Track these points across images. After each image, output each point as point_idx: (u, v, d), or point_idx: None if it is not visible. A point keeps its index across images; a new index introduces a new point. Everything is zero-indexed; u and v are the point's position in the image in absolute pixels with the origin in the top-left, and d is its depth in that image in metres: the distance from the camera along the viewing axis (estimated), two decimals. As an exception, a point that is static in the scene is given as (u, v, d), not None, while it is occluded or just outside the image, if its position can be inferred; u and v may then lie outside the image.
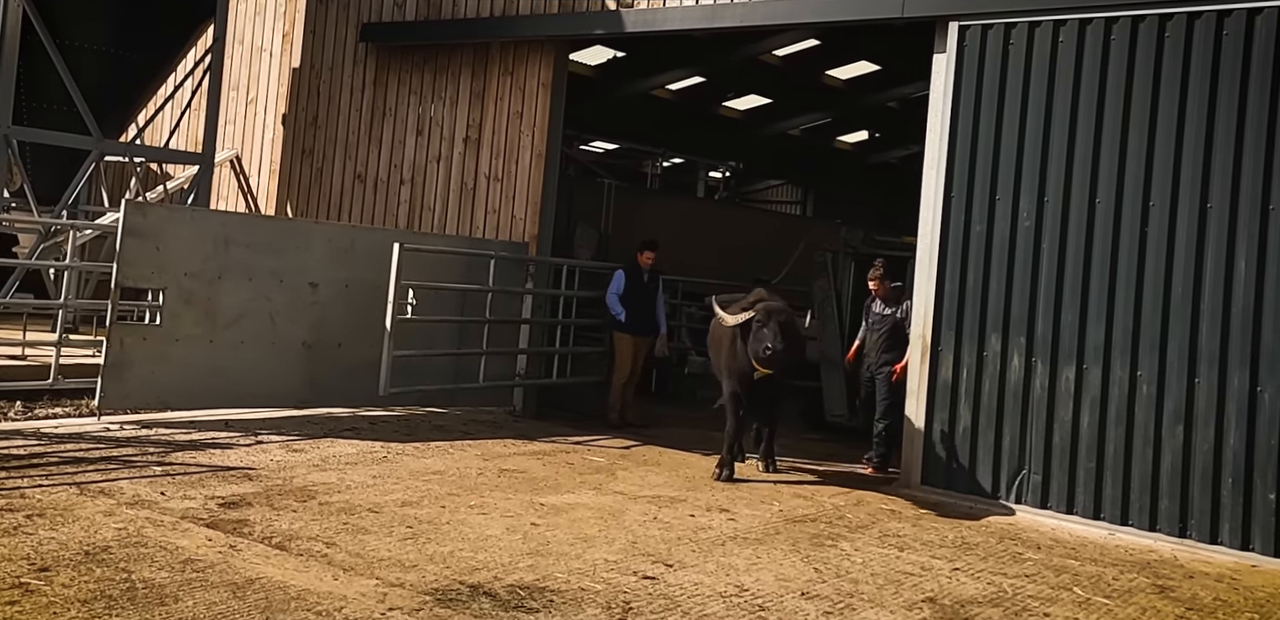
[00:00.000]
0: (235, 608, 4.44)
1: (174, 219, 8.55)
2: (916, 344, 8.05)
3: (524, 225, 10.50)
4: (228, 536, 5.40)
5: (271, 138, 12.53)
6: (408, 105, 11.49)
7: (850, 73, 21.39)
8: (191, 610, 4.37)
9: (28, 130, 9.81)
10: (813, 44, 19.08)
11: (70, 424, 7.85)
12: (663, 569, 5.42)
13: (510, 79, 10.83)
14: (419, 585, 4.90)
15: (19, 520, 5.34)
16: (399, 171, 11.44)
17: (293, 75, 12.43)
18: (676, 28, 9.98)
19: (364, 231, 10.15)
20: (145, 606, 4.36)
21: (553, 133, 10.57)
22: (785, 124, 24.06)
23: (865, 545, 6.15)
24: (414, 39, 11.42)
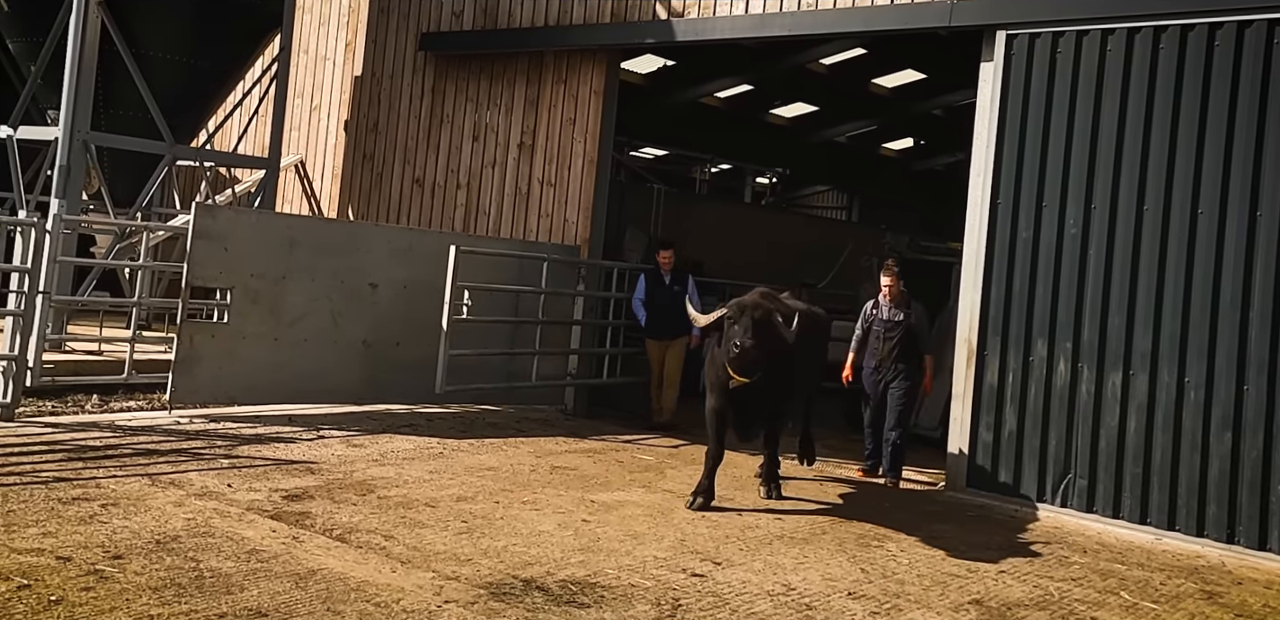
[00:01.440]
0: (298, 598, 4.47)
1: (241, 221, 8.66)
2: (962, 348, 7.92)
3: (576, 229, 10.50)
4: (291, 528, 5.45)
5: (334, 143, 12.66)
6: (464, 112, 11.55)
7: (896, 81, 21.20)
8: (256, 599, 4.41)
9: (105, 136, 9.99)
10: (859, 53, 18.94)
11: (143, 417, 7.98)
12: (711, 567, 5.38)
13: (564, 87, 10.85)
14: (474, 579, 4.91)
15: (94, 509, 5.43)
16: (456, 176, 11.51)
17: (354, 83, 12.56)
18: (726, 37, 9.94)
19: (422, 234, 10.21)
20: (212, 595, 4.41)
21: (604, 139, 10.57)
22: (832, 131, 23.90)
23: (911, 547, 6.06)
24: (471, 48, 11.48)
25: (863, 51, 18.82)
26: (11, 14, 10.42)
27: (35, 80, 10.14)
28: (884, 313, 8.31)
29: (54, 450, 6.65)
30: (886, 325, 8.25)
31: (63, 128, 9.71)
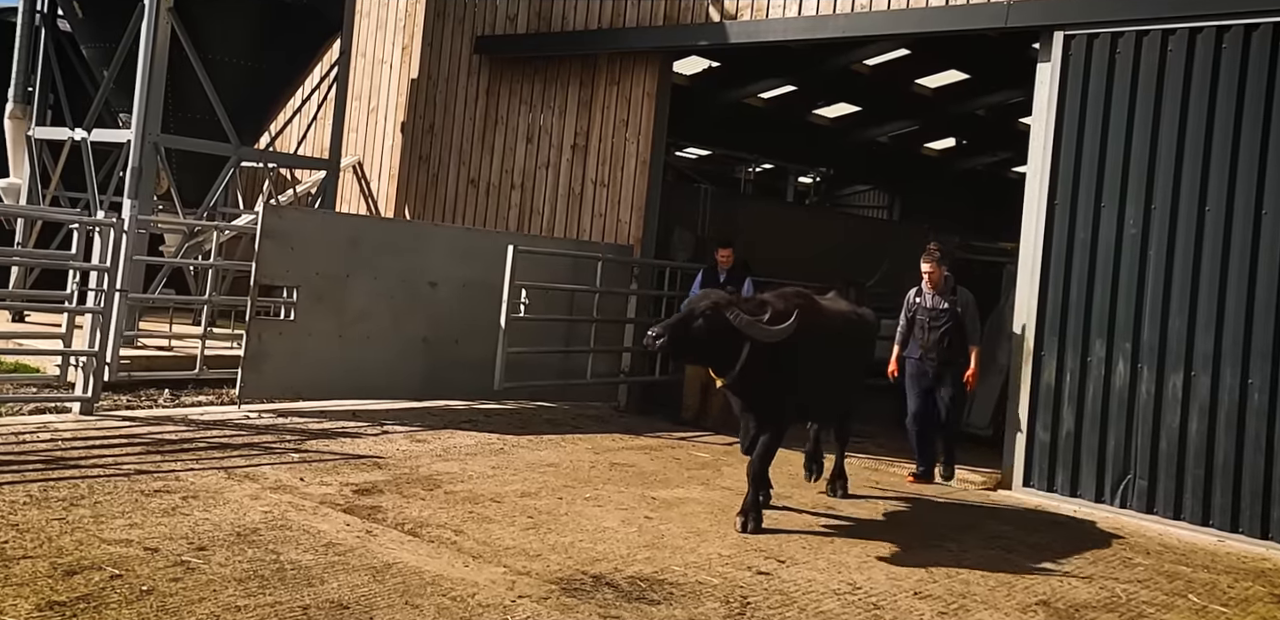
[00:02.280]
0: (376, 591, 4.49)
1: (307, 221, 8.74)
2: (1019, 348, 7.80)
3: (629, 228, 10.49)
4: (364, 522, 5.48)
5: (391, 145, 12.74)
6: (518, 114, 11.57)
7: (939, 81, 20.95)
8: (336, 592, 4.44)
9: (175, 138, 10.12)
10: (903, 54, 18.75)
11: (214, 411, 8.08)
12: (776, 565, 5.34)
13: (616, 89, 10.83)
14: (544, 574, 4.91)
15: (176, 501, 5.50)
16: (510, 177, 11.54)
17: (411, 86, 12.63)
18: (779, 39, 9.87)
19: (480, 234, 10.25)
20: (294, 586, 4.44)
21: (657, 140, 10.54)
22: (874, 131, 23.68)
23: (972, 547, 5.98)
24: (525, 51, 11.50)
25: (906, 52, 18.62)
26: (86, 21, 10.59)
27: (108, 84, 10.30)
28: (927, 301, 7.78)
29: (133, 443, 6.75)
30: (931, 314, 7.74)
31: (135, 130, 9.86)
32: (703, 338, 5.76)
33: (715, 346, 5.80)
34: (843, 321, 6.68)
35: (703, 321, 5.75)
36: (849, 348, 6.74)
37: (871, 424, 10.79)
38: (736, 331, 5.72)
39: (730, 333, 5.73)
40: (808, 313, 6.00)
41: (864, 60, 19.02)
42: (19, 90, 10.93)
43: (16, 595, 4.05)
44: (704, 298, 5.90)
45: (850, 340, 6.75)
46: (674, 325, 5.76)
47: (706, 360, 6.09)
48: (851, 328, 6.79)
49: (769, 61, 18.22)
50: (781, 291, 6.30)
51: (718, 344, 5.78)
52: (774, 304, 6.01)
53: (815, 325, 6.06)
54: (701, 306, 5.81)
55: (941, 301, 7.69)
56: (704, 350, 5.89)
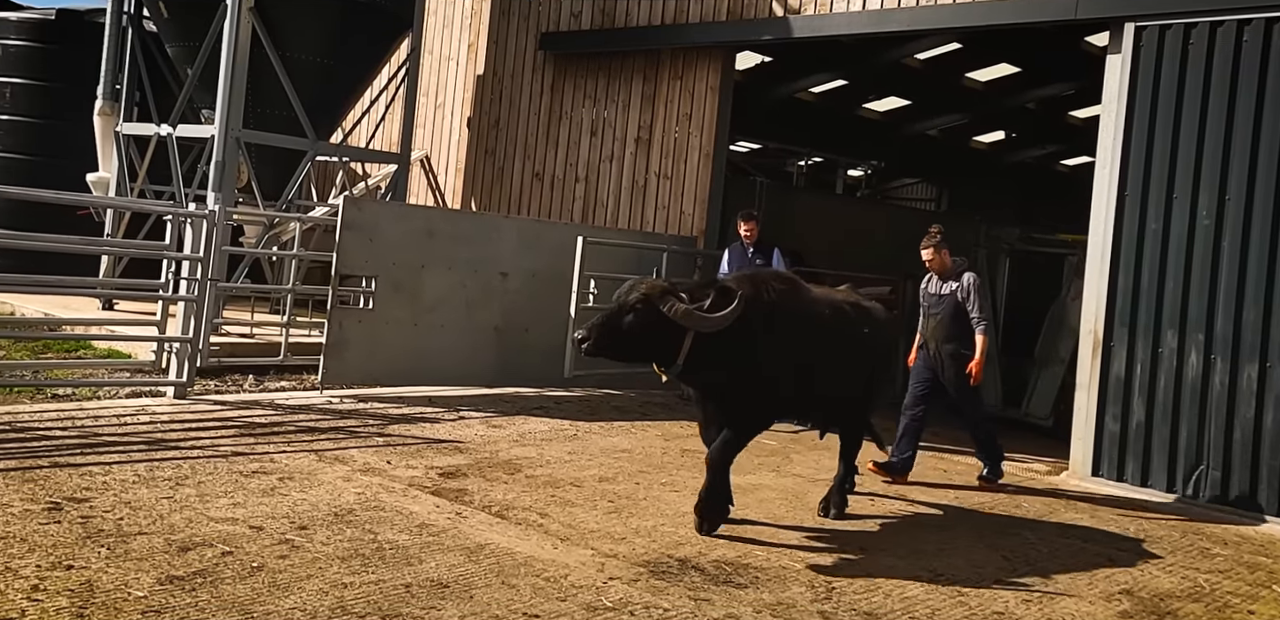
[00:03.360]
0: (472, 571, 4.52)
1: (385, 213, 8.80)
2: (1087, 339, 7.65)
3: (692, 220, 10.45)
4: (452, 504, 5.51)
5: (457, 139, 12.80)
6: (583, 108, 11.56)
7: (990, 75, 20.60)
8: (435, 571, 4.47)
9: (255, 133, 10.25)
10: (955, 47, 18.45)
11: (298, 397, 8.18)
12: (856, 551, 5.29)
13: (680, 83, 10.78)
14: (631, 557, 4.90)
15: (273, 482, 5.58)
16: (574, 170, 11.54)
17: (476, 82, 12.67)
18: (843, 32, 9.76)
19: (549, 226, 10.27)
20: (395, 565, 4.48)
21: (720, 133, 10.48)
22: (923, 125, 23.35)
23: (1048, 535, 5.88)
24: (589, 47, 11.48)
25: (958, 46, 18.32)
26: (170, 21, 10.74)
27: (192, 82, 10.45)
28: (931, 286, 7.14)
29: (226, 426, 6.86)
30: (931, 300, 7.10)
31: (218, 126, 9.99)
32: (636, 334, 5.00)
33: (652, 341, 5.05)
34: (834, 313, 5.66)
35: (633, 316, 4.99)
36: (844, 342, 5.68)
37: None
38: (673, 323, 4.96)
39: (666, 325, 4.97)
40: (780, 300, 5.25)
41: (916, 54, 18.78)
42: (107, 88, 11.13)
43: (138, 569, 4.13)
44: (633, 288, 5.07)
45: (846, 334, 5.70)
46: (601, 324, 5.03)
47: (646, 357, 5.23)
48: (846, 320, 5.74)
49: (821, 56, 18.02)
50: (757, 274, 5.56)
51: (654, 338, 5.03)
52: (738, 288, 5.14)
53: (788, 314, 5.27)
54: (631, 300, 5.01)
55: (943, 286, 7.06)
56: (640, 347, 5.11)
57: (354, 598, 4.08)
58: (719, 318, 4.98)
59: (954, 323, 6.90)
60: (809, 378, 5.48)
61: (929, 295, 7.14)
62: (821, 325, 5.54)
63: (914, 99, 21.97)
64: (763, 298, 5.21)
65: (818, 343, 5.47)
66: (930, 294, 7.13)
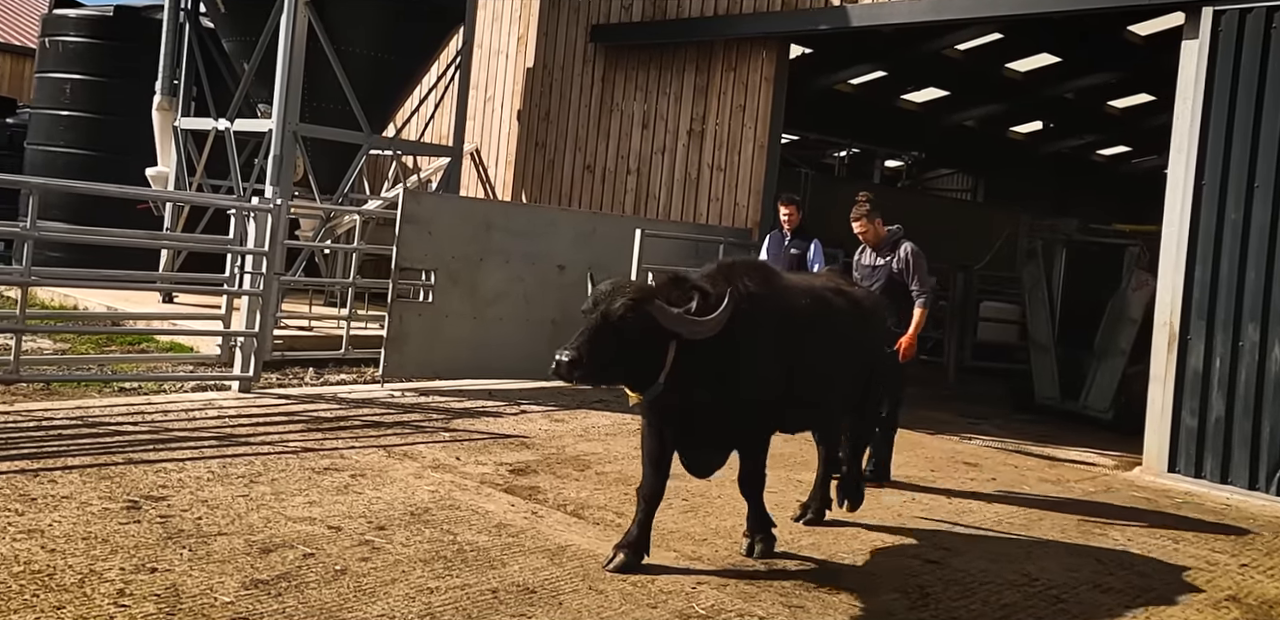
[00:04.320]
0: (557, 574, 4.29)
1: (444, 207, 8.59)
2: (1162, 331, 7.29)
3: (746, 212, 10.15)
4: (526, 503, 5.29)
5: (507, 132, 12.56)
6: (634, 100, 11.28)
7: (1029, 65, 20.06)
8: (519, 575, 4.25)
9: (312, 127, 10.07)
10: (996, 38, 17.96)
11: (360, 390, 8.01)
12: (942, 553, 5.01)
13: (733, 74, 10.46)
14: (715, 560, 4.66)
15: (346, 479, 5.38)
16: (626, 162, 11.27)
17: (526, 74, 12.41)
18: (902, 21, 9.43)
19: (605, 218, 10.02)
20: (478, 569, 4.26)
21: (774, 125, 10.17)
22: (961, 115, 22.82)
23: (1136, 536, 5.57)
24: (640, 39, 11.19)
25: (999, 36, 17.83)
26: (227, 16, 10.57)
27: (249, 77, 10.27)
28: (866, 258, 6.39)
29: (292, 421, 6.68)
30: (864, 272, 6.35)
31: (276, 120, 9.82)
32: (628, 350, 4.00)
33: (642, 357, 4.07)
34: (815, 304, 4.78)
35: (624, 328, 3.96)
36: (832, 337, 4.82)
37: (980, 404, 10.36)
38: (662, 331, 4.02)
39: (655, 333, 4.02)
40: (757, 294, 4.37)
41: (956, 45, 18.31)
42: (166, 83, 10.99)
43: (221, 572, 3.94)
44: (615, 293, 4.04)
45: (833, 327, 4.84)
46: (590, 341, 3.94)
47: (632, 377, 4.15)
48: (829, 310, 4.88)
49: (861, 48, 17.60)
50: (731, 265, 4.60)
51: (644, 353, 4.05)
52: (715, 284, 4.27)
53: (768, 311, 4.41)
54: (618, 308, 3.97)
55: (877, 258, 6.33)
56: (629, 365, 4.07)
57: (441, 604, 3.86)
58: (712, 321, 4.04)
59: (887, 297, 6.03)
60: (799, 382, 4.58)
61: (862, 267, 6.40)
62: (805, 319, 4.62)
63: (953, 90, 21.47)
64: (740, 294, 4.23)
65: (804, 341, 4.59)
66: (864, 266, 6.38)
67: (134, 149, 11.22)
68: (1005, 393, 10.78)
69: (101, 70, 11.92)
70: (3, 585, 3.62)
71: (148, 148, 11.11)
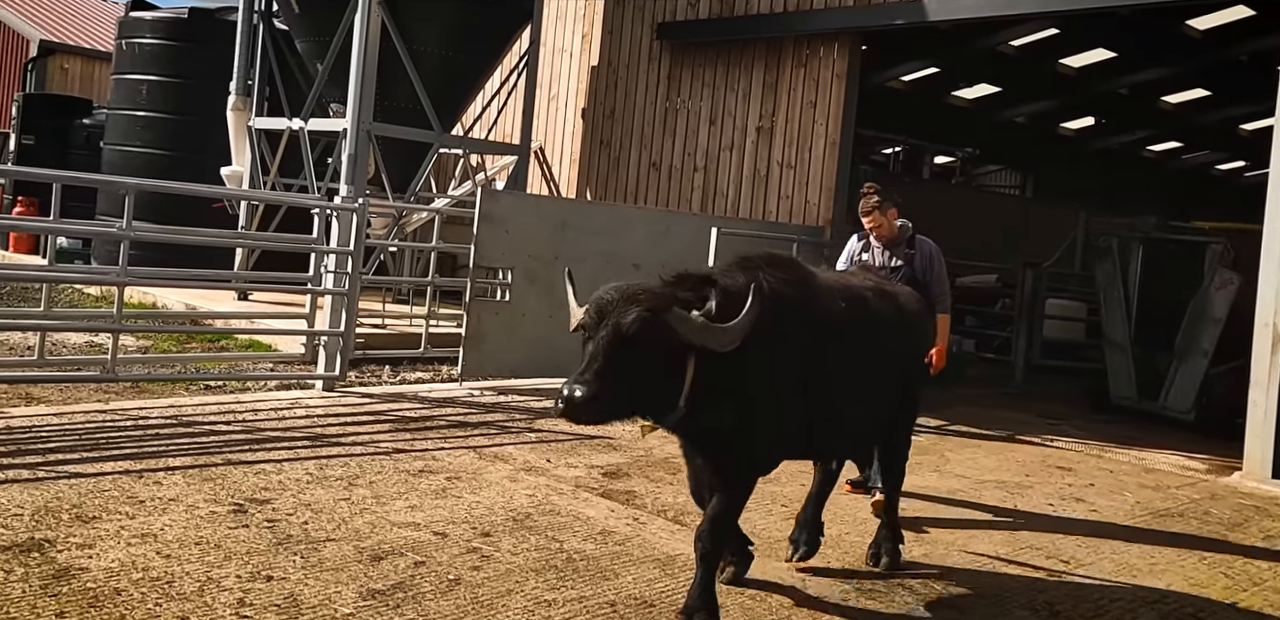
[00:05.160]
0: (672, 586, 4.07)
1: (520, 205, 8.39)
2: (1264, 332, 6.90)
3: (818, 210, 9.85)
4: (626, 508, 5.08)
5: (571, 130, 12.35)
6: (701, 97, 11.00)
7: (1084, 60, 19.50)
8: (634, 586, 4.03)
9: (385, 126, 9.92)
10: (1052, 33, 17.44)
11: (439, 389, 7.84)
12: (1060, 564, 4.72)
13: (804, 71, 10.15)
14: (828, 572, 4.41)
15: (443, 482, 5.20)
16: (693, 159, 11.01)
17: (590, 72, 12.18)
18: (977, 16, 9.09)
19: (678, 216, 9.78)
20: (592, 580, 4.05)
21: (846, 122, 9.85)
22: (1012, 111, 22.28)
23: (1256, 549, 5.23)
24: (708, 35, 10.91)
25: (1055, 31, 17.31)
26: (301, 16, 10.45)
27: (323, 76, 10.15)
28: (876, 258, 5.37)
29: (379, 420, 6.52)
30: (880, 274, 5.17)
31: (350, 119, 9.68)
32: (645, 373, 3.19)
33: (663, 379, 3.26)
34: (854, 305, 3.97)
35: (642, 345, 3.15)
36: (871, 343, 4.02)
37: (1056, 403, 9.99)
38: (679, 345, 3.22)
39: (674, 351, 3.23)
40: (783, 292, 3.56)
41: (1011, 41, 17.82)
42: (240, 84, 10.91)
43: (337, 581, 3.76)
44: (627, 301, 3.21)
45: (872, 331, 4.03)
46: (604, 369, 3.11)
47: (652, 404, 3.35)
48: (871, 313, 4.07)
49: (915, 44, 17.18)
50: (746, 258, 3.74)
51: (663, 374, 3.25)
52: (722, 281, 3.48)
53: (796, 312, 3.62)
54: (633, 322, 3.14)
55: (893, 257, 5.31)
56: (647, 390, 3.26)
57: (561, 617, 3.65)
58: (737, 327, 3.21)
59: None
60: (828, 397, 3.79)
61: (874, 268, 5.24)
62: (840, 323, 3.83)
63: (1005, 86, 20.94)
64: (762, 293, 3.40)
65: (837, 348, 3.80)
66: (876, 267, 5.28)
67: (209, 149, 11.16)
68: (1077, 392, 10.40)
69: (177, 71, 11.87)
70: (125, 594, 3.47)
71: (223, 147, 11.05)
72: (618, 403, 3.19)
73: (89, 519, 4.15)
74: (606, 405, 3.14)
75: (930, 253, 5.34)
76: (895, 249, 5.36)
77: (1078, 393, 10.40)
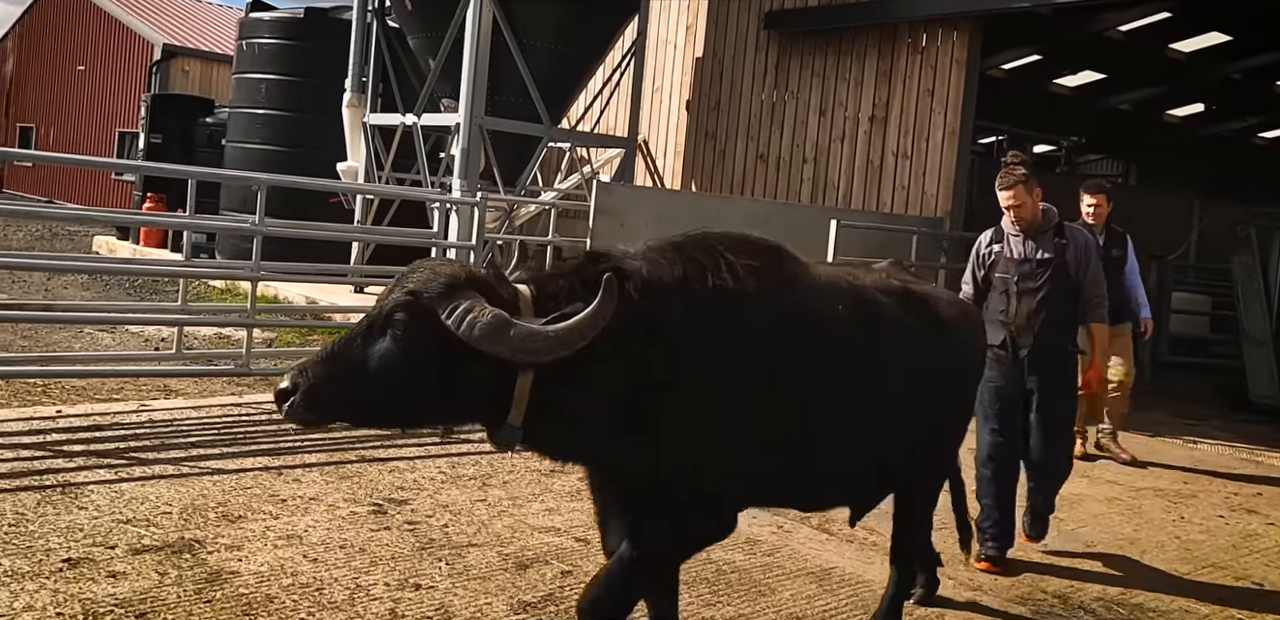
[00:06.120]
0: (833, 604, 3.70)
1: (634, 197, 8.09)
2: None
3: (935, 201, 9.29)
4: (766, 513, 4.71)
5: (676, 123, 11.98)
6: (810, 87, 10.51)
7: (1195, 45, 18.25)
8: (792, 603, 3.68)
9: (497, 120, 9.72)
10: (1163, 17, 16.33)
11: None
12: (1253, 588, 4.19)
13: (921, 57, 9.57)
14: (998, 590, 3.98)
15: (575, 483, 4.88)
16: (801, 151, 10.53)
17: (695, 64, 11.78)
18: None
19: (794, 208, 9.36)
20: (747, 595, 3.71)
21: (967, 110, 9.26)
22: (1116, 99, 21.06)
23: None
24: (819, 24, 10.39)
25: (1167, 15, 16.21)
26: (414, 13, 10.32)
27: (436, 72, 10.00)
28: (1014, 248, 4.21)
29: (503, 416, 6.28)
30: (1021, 270, 4.18)
31: (463, 114, 9.51)
32: (411, 370, 2.34)
33: (438, 384, 2.36)
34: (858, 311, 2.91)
35: (393, 340, 2.34)
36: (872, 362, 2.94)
37: (1190, 402, 9.24)
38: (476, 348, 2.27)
39: (463, 352, 2.28)
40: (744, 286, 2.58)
41: (1119, 26, 16.76)
42: (355, 81, 10.85)
43: (485, 591, 3.50)
44: (399, 283, 2.42)
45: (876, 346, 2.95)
46: (329, 360, 2.37)
47: (429, 414, 2.52)
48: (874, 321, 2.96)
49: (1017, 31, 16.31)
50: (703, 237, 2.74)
51: (441, 378, 2.35)
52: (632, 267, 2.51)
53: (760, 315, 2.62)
54: (389, 308, 2.36)
55: (1038, 249, 4.17)
56: (411, 396, 2.39)
57: (724, 638, 3.32)
58: (562, 334, 2.25)
59: (1061, 305, 4.14)
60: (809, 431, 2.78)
61: (1010, 262, 4.19)
62: (834, 335, 2.81)
63: (1110, 72, 19.79)
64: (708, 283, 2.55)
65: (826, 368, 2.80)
66: (1014, 260, 4.19)
67: (325, 145, 11.14)
68: (1208, 390, 9.64)
69: (294, 70, 11.90)
70: (278, 601, 3.27)
71: (338, 143, 11.01)
72: (348, 404, 2.37)
73: (235, 518, 3.98)
74: (311, 404, 2.33)
75: (1085, 244, 4.20)
76: (1040, 238, 4.16)
77: (1208, 390, 9.64)
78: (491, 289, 2.37)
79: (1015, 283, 4.18)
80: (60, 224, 17.17)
